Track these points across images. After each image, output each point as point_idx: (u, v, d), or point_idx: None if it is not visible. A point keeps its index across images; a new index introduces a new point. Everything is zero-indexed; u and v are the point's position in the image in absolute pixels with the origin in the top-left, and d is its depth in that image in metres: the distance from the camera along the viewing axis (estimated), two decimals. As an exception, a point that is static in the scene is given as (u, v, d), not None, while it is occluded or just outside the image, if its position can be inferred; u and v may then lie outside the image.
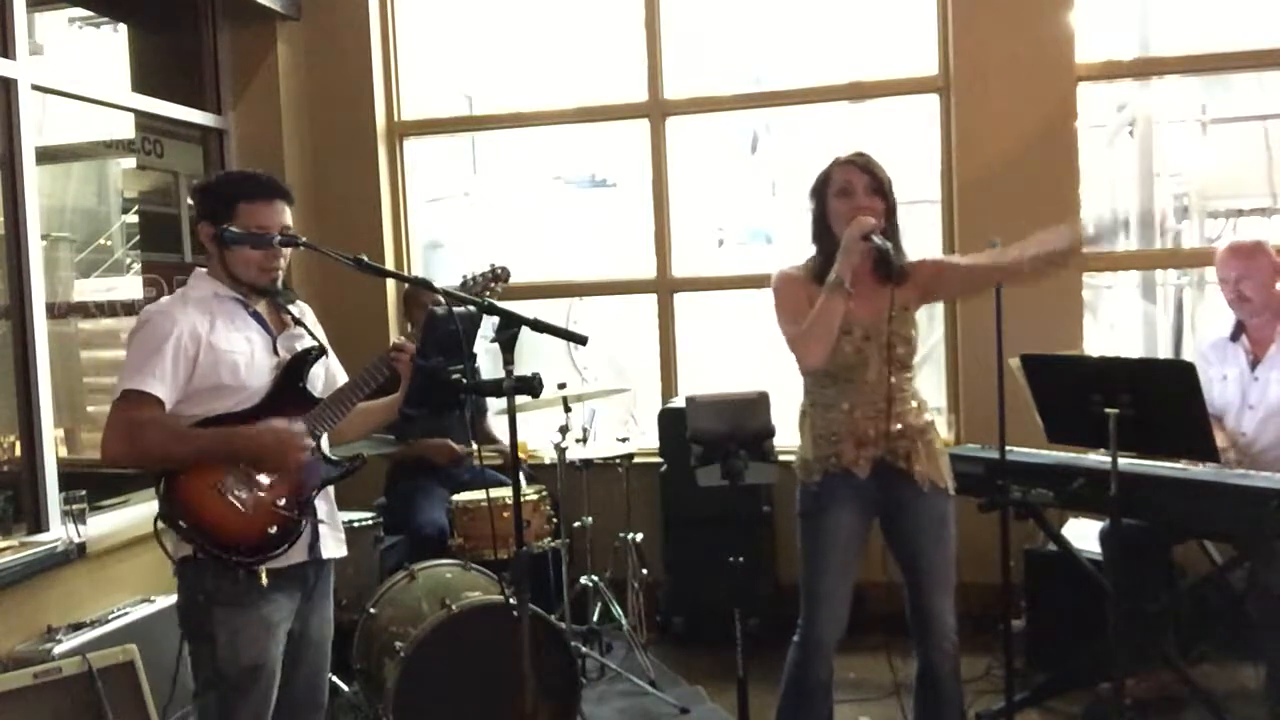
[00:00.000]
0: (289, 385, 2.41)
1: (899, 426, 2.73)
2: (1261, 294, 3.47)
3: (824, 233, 2.79)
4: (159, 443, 2.25)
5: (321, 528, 2.44)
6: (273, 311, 2.48)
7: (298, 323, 2.49)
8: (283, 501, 2.34)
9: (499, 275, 2.59)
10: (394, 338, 4.77)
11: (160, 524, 2.31)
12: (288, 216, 2.40)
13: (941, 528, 2.78)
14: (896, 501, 2.77)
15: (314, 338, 2.50)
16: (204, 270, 2.44)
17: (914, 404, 2.79)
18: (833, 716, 2.90)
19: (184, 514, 2.26)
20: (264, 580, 2.29)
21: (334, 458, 2.48)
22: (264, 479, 2.32)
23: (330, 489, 2.51)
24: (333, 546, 2.49)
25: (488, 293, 2.53)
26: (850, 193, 2.72)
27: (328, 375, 2.55)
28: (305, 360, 2.44)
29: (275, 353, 2.42)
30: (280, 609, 2.35)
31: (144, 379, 2.24)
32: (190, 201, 2.50)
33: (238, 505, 2.28)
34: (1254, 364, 3.50)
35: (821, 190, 2.81)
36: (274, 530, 2.32)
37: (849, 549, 2.77)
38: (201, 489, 2.27)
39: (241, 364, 2.34)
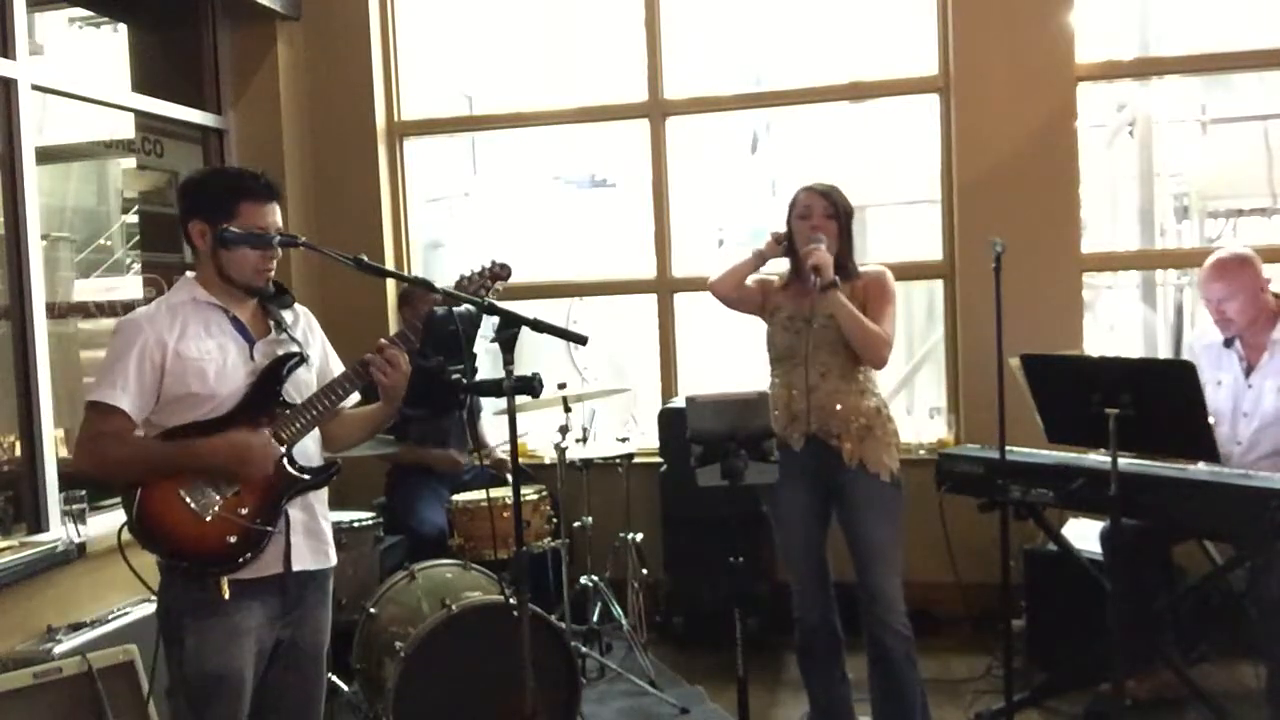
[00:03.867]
0: (264, 393, 2.33)
1: (823, 405, 3.02)
2: (1245, 314, 3.39)
3: (791, 249, 3.16)
4: (116, 456, 2.24)
5: (295, 538, 2.35)
6: (258, 317, 2.41)
7: (283, 328, 2.42)
8: (245, 510, 2.27)
9: (497, 273, 2.49)
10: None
11: (126, 532, 2.27)
12: (279, 217, 2.37)
13: (876, 509, 3.02)
14: (835, 480, 3.05)
15: (298, 344, 2.42)
16: (192, 275, 2.40)
17: (850, 387, 3.05)
18: (847, 685, 3.22)
19: (146, 521, 2.23)
20: (225, 592, 2.23)
21: (309, 466, 2.39)
22: (230, 488, 2.26)
23: (320, 498, 2.44)
24: (309, 558, 2.38)
25: (485, 291, 2.45)
26: (808, 216, 3.10)
27: (324, 381, 2.46)
28: (281, 367, 2.36)
29: (251, 359, 2.35)
30: (251, 616, 2.29)
31: (107, 391, 2.22)
32: (180, 196, 2.40)
33: (199, 513, 2.23)
34: (1248, 371, 3.46)
35: (789, 213, 3.17)
36: (234, 540, 2.25)
37: (806, 523, 3.11)
38: (165, 496, 2.23)
39: (211, 371, 2.28)
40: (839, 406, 3.02)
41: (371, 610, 3.43)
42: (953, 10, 4.55)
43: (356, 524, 3.77)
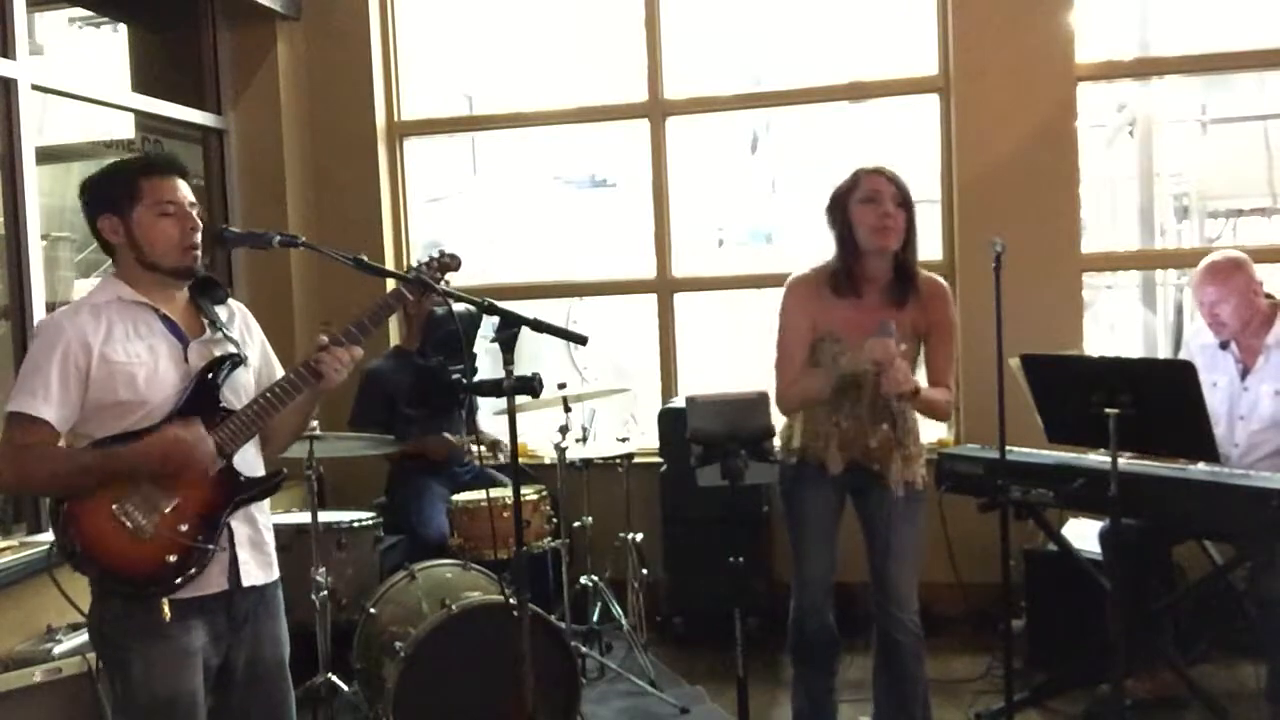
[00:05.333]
0: (200, 398, 2.16)
1: (875, 444, 2.94)
2: (1238, 317, 3.40)
3: (847, 240, 2.89)
4: (39, 472, 2.09)
5: (241, 553, 2.20)
6: (190, 314, 2.24)
7: (218, 327, 2.25)
8: (185, 527, 2.11)
9: (447, 263, 2.36)
10: (393, 338, 4.83)
11: (56, 551, 2.11)
12: (189, 192, 2.20)
13: (905, 515, 2.97)
14: (865, 488, 3.00)
15: (235, 344, 2.25)
16: (112, 273, 2.23)
17: (903, 424, 2.94)
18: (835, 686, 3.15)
19: (78, 540, 2.07)
20: (166, 614, 2.07)
21: (251, 476, 2.24)
22: (168, 500, 2.10)
23: (261, 508, 2.29)
24: (257, 573, 2.24)
25: (435, 282, 2.33)
26: (877, 200, 2.83)
27: (263, 384, 2.28)
28: (217, 370, 2.19)
29: (185, 361, 2.18)
30: (197, 636, 2.14)
31: (27, 400, 2.05)
32: (82, 199, 2.22)
33: (135, 530, 2.07)
34: (1244, 374, 3.46)
35: (844, 198, 2.89)
36: (173, 558, 2.09)
37: (824, 517, 3.03)
38: (98, 512, 2.07)
39: (141, 376, 2.11)
40: (878, 442, 2.95)
41: (371, 610, 3.43)
42: (953, 10, 4.54)
43: (356, 524, 3.77)
